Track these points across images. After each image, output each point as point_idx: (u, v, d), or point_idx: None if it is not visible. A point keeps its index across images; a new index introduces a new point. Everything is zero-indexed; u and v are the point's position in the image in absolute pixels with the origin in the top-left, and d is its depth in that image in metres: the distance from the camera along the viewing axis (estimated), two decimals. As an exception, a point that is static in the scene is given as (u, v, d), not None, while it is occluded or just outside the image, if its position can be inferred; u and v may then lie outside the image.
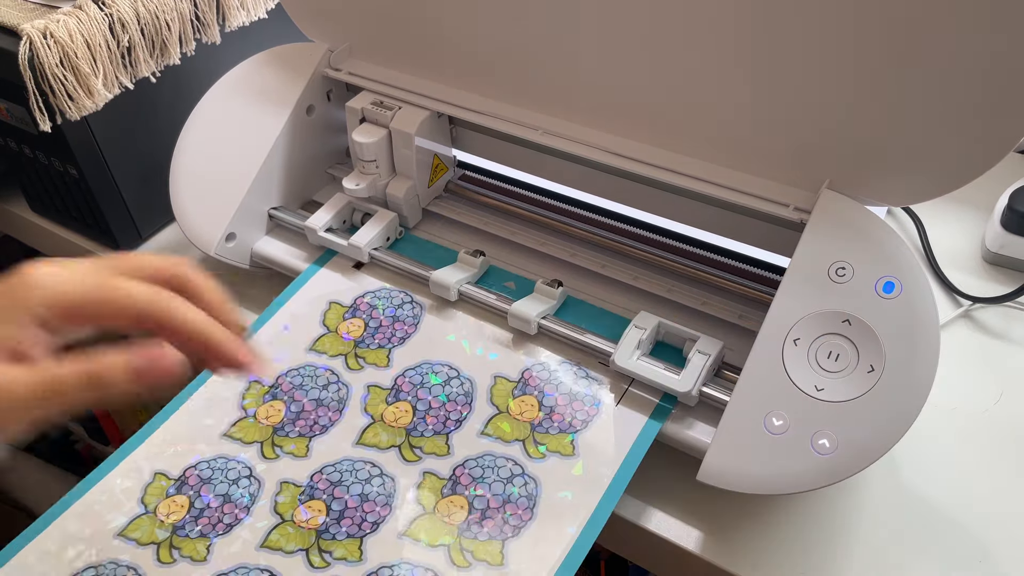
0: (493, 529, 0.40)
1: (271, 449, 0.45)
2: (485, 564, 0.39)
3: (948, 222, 0.62)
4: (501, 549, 0.40)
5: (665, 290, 0.49)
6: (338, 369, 0.48)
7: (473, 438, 0.44)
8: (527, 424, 0.44)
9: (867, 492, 0.44)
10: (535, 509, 0.41)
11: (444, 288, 0.49)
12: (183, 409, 0.47)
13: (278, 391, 0.47)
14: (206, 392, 0.47)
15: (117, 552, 0.42)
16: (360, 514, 0.42)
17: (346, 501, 0.42)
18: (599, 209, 0.55)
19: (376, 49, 0.55)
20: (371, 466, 0.43)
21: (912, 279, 0.39)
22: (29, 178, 0.62)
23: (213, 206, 0.53)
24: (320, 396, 0.47)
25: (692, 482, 0.39)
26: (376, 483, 0.43)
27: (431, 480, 0.43)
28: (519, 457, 0.43)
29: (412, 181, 0.54)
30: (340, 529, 0.41)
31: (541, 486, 0.41)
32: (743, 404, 0.39)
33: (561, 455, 0.42)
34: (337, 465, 0.44)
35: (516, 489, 0.42)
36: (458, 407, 0.45)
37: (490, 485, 0.42)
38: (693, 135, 0.46)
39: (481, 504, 0.41)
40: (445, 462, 0.43)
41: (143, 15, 0.53)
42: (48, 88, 0.50)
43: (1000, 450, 0.46)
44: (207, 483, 0.44)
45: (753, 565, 0.41)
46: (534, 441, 0.43)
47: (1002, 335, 0.53)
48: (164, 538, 0.42)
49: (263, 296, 0.57)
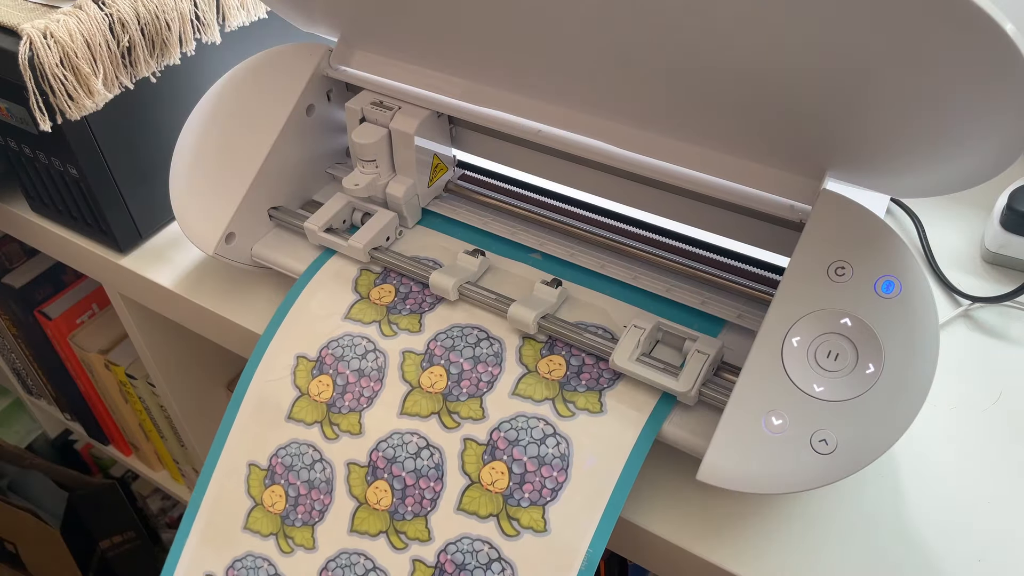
0: (532, 494, 0.42)
1: (330, 429, 0.47)
2: (531, 531, 0.41)
3: (948, 222, 0.62)
4: (543, 515, 0.41)
5: (665, 290, 0.49)
6: (373, 336, 0.49)
7: (506, 399, 0.45)
8: (555, 383, 0.45)
9: (866, 492, 0.44)
10: (569, 470, 0.42)
11: (443, 289, 0.49)
12: (248, 399, 0.49)
13: (323, 365, 0.48)
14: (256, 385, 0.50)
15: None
16: (419, 491, 0.44)
17: (404, 479, 0.44)
18: (599, 209, 0.55)
19: (369, 39, 0.54)
20: (418, 437, 0.45)
21: (912, 279, 0.39)
22: (29, 178, 0.62)
23: (213, 206, 0.53)
24: (361, 366, 0.48)
25: (692, 482, 0.39)
26: (425, 456, 0.44)
27: (472, 447, 0.44)
28: (550, 416, 0.44)
29: (412, 181, 0.54)
30: (407, 509, 0.44)
31: (572, 447, 0.43)
32: (742, 404, 0.39)
33: (590, 412, 0.43)
34: (388, 440, 0.45)
35: (551, 450, 0.43)
36: (489, 368, 0.46)
37: (525, 448, 0.43)
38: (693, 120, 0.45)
39: (519, 468, 0.43)
40: (482, 426, 0.44)
41: (143, 15, 0.53)
42: (48, 88, 0.50)
43: (1000, 449, 0.46)
44: (291, 470, 0.47)
45: (753, 565, 0.41)
46: (563, 399, 0.44)
47: (1001, 335, 0.53)
48: (277, 529, 0.46)
49: (264, 296, 0.57)
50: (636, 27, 0.40)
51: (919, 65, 0.34)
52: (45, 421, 1.17)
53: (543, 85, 0.49)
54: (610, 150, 0.48)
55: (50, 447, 1.19)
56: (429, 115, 0.52)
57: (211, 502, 0.49)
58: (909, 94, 0.36)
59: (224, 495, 0.49)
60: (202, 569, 0.48)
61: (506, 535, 0.42)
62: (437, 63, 0.52)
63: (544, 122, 0.50)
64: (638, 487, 0.44)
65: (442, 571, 0.42)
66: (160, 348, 0.74)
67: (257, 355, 0.50)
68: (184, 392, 0.79)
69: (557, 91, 0.49)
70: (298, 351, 0.49)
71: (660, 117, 0.46)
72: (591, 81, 0.46)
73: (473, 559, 0.42)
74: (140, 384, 0.85)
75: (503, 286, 0.51)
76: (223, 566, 0.48)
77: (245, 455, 0.49)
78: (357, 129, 0.53)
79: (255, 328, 0.54)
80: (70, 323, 0.88)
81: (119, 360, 0.85)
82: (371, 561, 0.44)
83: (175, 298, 0.58)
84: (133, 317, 0.70)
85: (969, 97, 0.34)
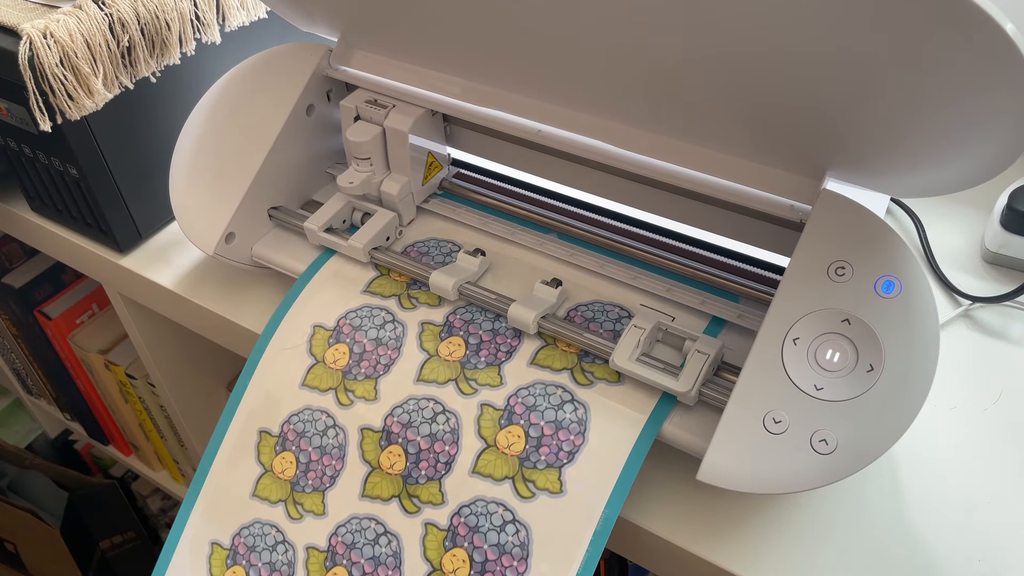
0: (549, 456, 0.42)
1: (344, 395, 0.47)
2: (547, 493, 0.42)
3: (948, 222, 0.62)
4: (559, 477, 0.42)
5: (665, 290, 0.49)
6: (392, 308, 0.49)
7: (524, 368, 0.45)
8: (574, 355, 0.46)
9: (867, 491, 0.44)
10: (586, 434, 0.42)
11: (443, 289, 0.49)
12: (264, 362, 0.50)
13: (340, 334, 0.49)
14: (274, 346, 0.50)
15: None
16: (433, 455, 0.44)
17: (419, 443, 0.44)
18: (598, 208, 0.55)
19: (369, 39, 0.54)
20: (434, 403, 0.45)
21: (912, 279, 0.39)
22: (29, 178, 0.62)
23: (213, 206, 0.53)
24: (379, 335, 0.48)
25: (692, 482, 0.39)
26: (441, 420, 0.45)
27: (488, 412, 0.44)
28: (568, 384, 0.44)
29: (406, 179, 0.54)
30: (420, 473, 0.44)
31: (590, 412, 0.43)
32: (742, 404, 0.39)
33: (608, 382, 0.44)
34: (404, 405, 0.46)
35: (568, 415, 0.43)
36: (508, 340, 0.47)
37: (543, 413, 0.44)
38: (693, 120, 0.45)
39: (536, 432, 0.43)
40: (499, 393, 0.45)
41: (143, 15, 0.53)
42: (48, 88, 0.50)
43: (1000, 449, 0.46)
44: (303, 436, 0.47)
45: (753, 565, 0.41)
46: (581, 369, 0.45)
47: (1001, 335, 0.53)
48: (286, 495, 0.46)
49: (264, 296, 0.57)
50: (636, 26, 0.40)
51: (919, 65, 0.34)
52: (45, 421, 1.17)
53: (543, 85, 0.49)
54: (609, 149, 0.48)
55: (50, 447, 1.19)
56: (424, 113, 0.52)
57: (219, 470, 0.49)
58: (909, 94, 0.36)
59: (233, 463, 0.49)
60: (207, 538, 0.48)
61: (521, 497, 0.42)
62: (437, 63, 0.52)
63: (544, 122, 0.50)
64: (639, 487, 0.44)
65: (455, 534, 0.42)
66: (160, 348, 0.74)
67: (258, 351, 0.50)
68: (184, 392, 0.79)
69: (557, 91, 0.49)
70: (315, 320, 0.50)
71: (659, 117, 0.46)
72: (590, 80, 0.46)
73: (487, 521, 0.42)
74: (140, 384, 0.85)
75: (502, 283, 0.51)
76: (229, 534, 0.47)
77: (256, 423, 0.49)
78: (351, 127, 0.53)
79: (255, 328, 0.54)
80: (70, 323, 0.88)
81: (119, 360, 0.85)
82: (382, 525, 0.44)
83: (175, 298, 0.58)
84: (133, 317, 0.70)
85: (969, 97, 0.34)
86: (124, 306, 0.69)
